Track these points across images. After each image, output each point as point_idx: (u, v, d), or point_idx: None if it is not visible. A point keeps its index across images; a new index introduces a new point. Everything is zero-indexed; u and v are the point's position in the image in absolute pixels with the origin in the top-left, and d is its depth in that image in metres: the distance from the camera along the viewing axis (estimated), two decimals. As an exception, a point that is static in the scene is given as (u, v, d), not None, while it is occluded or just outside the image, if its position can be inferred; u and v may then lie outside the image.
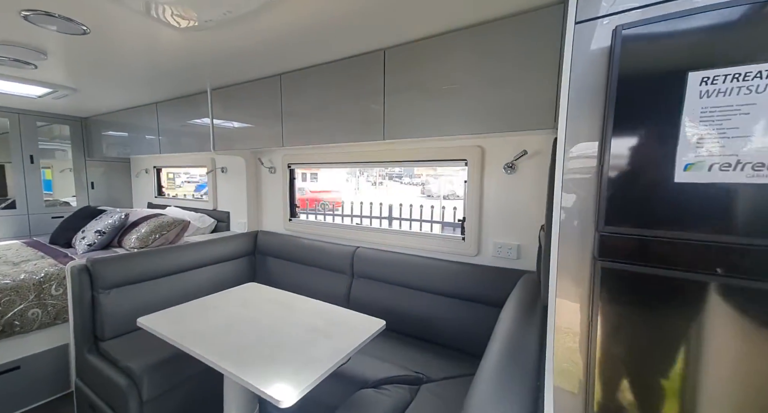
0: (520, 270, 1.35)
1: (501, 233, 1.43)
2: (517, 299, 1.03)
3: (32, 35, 1.26)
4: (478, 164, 1.44)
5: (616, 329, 0.67)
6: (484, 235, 1.48)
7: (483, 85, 1.15)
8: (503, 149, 1.38)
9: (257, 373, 0.88)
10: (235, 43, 1.33)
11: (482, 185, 1.46)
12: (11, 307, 1.47)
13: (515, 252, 1.39)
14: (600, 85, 0.65)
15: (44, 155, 3.00)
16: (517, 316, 0.93)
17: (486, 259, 1.47)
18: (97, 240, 2.07)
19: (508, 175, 1.38)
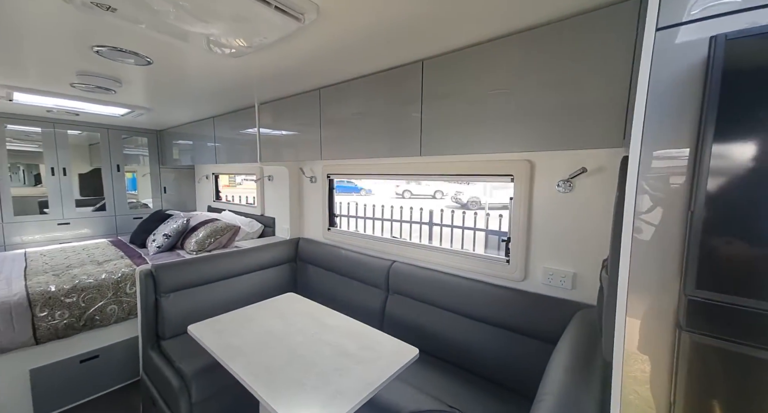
0: (575, 303, 1.18)
1: (553, 258, 1.26)
2: (572, 341, 0.89)
3: (107, 66, 1.43)
4: (526, 180, 1.29)
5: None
6: (533, 259, 1.32)
7: (534, 99, 1.01)
8: (557, 165, 1.22)
9: (286, 401, 0.88)
10: (277, 63, 1.36)
11: (531, 204, 1.30)
12: (93, 303, 1.71)
13: (569, 282, 1.22)
14: (690, 102, 0.51)
15: (130, 160, 3.47)
16: (573, 365, 0.79)
17: (534, 285, 1.32)
18: (164, 243, 2.32)
19: (562, 193, 1.21)
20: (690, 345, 0.51)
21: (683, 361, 0.51)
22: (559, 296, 1.23)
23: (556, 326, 1.15)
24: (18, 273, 1.82)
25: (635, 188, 0.55)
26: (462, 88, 1.17)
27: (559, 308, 1.18)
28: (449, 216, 3.58)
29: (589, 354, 0.82)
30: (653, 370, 0.55)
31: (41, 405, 1.60)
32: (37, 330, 1.54)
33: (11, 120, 2.57)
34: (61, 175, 2.82)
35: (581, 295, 1.19)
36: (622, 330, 0.60)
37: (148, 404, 1.53)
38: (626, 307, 0.59)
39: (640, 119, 0.54)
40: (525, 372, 1.23)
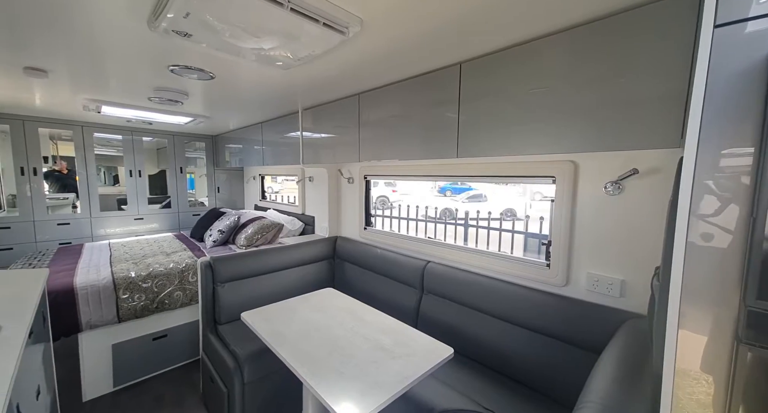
0: (623, 311, 1.11)
1: (598, 263, 1.20)
2: (619, 351, 0.85)
3: (178, 82, 1.63)
4: (569, 181, 1.24)
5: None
6: (575, 264, 1.26)
7: (579, 97, 0.98)
8: (604, 166, 1.15)
9: (328, 386, 0.95)
10: (320, 73, 1.46)
11: (574, 206, 1.25)
12: (163, 289, 1.96)
13: (617, 289, 1.15)
14: (752, 101, 0.48)
15: (190, 163, 3.87)
16: (620, 375, 0.76)
17: (577, 292, 1.26)
18: (219, 238, 2.56)
19: (610, 196, 1.14)
20: (750, 359, 0.48)
21: (741, 377, 0.48)
22: (606, 303, 1.17)
23: (600, 335, 1.09)
24: (105, 261, 2.14)
25: (690, 190, 0.53)
26: (501, 89, 1.16)
27: (604, 316, 1.13)
28: (485, 217, 3.49)
29: (638, 365, 0.78)
30: (707, 386, 0.53)
31: (119, 376, 1.88)
32: (120, 310, 1.81)
33: (98, 129, 3.01)
34: (137, 176, 3.24)
35: (631, 304, 1.12)
36: (673, 341, 0.57)
37: (207, 381, 1.72)
38: (678, 317, 0.56)
39: (696, 118, 0.52)
40: (563, 379, 1.19)
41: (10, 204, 3.43)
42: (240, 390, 1.45)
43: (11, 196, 3.34)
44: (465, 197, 9.58)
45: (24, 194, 2.71)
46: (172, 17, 0.89)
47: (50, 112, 2.51)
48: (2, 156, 3.42)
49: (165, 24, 0.92)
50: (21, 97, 2.04)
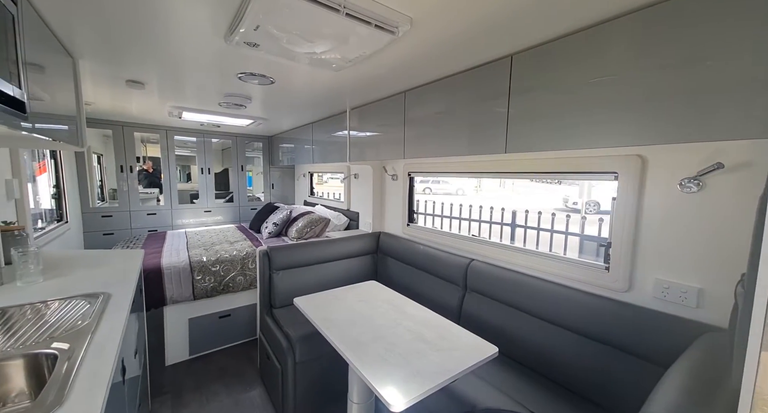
0: (700, 323, 0.99)
1: (669, 269, 1.08)
2: (692, 365, 0.77)
3: (243, 88, 1.82)
4: (635, 177, 1.13)
5: None
6: (641, 268, 1.15)
7: (650, 84, 0.89)
8: (680, 160, 1.03)
9: (373, 370, 1.00)
10: (368, 73, 1.51)
11: (640, 205, 1.13)
12: (228, 273, 2.21)
13: (693, 298, 1.02)
14: None
15: (248, 162, 4.26)
16: (692, 389, 0.69)
17: (641, 298, 1.15)
18: (273, 229, 2.80)
19: (687, 194, 1.02)
20: None
21: None
22: (677, 313, 1.04)
23: (667, 347, 0.99)
24: (183, 247, 2.47)
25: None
26: (556, 79, 1.10)
27: (674, 327, 1.01)
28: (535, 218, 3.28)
29: (713, 383, 0.70)
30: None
31: (194, 346, 2.16)
32: (195, 289, 2.08)
33: (178, 132, 3.46)
34: (206, 173, 3.67)
35: (710, 315, 0.99)
36: (755, 360, 0.51)
37: (263, 358, 1.91)
38: (763, 332, 0.50)
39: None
40: (617, 389, 1.10)
41: (111, 197, 4.12)
42: (292, 368, 1.58)
43: (112, 190, 4.01)
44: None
45: (122, 188, 3.23)
46: (244, 31, 1.00)
47: (143, 118, 2.96)
48: (106, 156, 4.11)
49: (238, 37, 1.05)
50: (122, 106, 2.44)
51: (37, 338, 0.81)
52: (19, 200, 1.63)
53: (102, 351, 0.76)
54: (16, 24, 0.81)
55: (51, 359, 0.76)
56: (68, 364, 0.71)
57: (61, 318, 0.92)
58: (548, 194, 10.37)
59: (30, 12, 0.94)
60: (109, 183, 4.19)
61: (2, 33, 0.75)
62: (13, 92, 0.76)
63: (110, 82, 1.76)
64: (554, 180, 11.35)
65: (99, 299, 1.04)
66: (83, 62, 1.42)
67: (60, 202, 2.52)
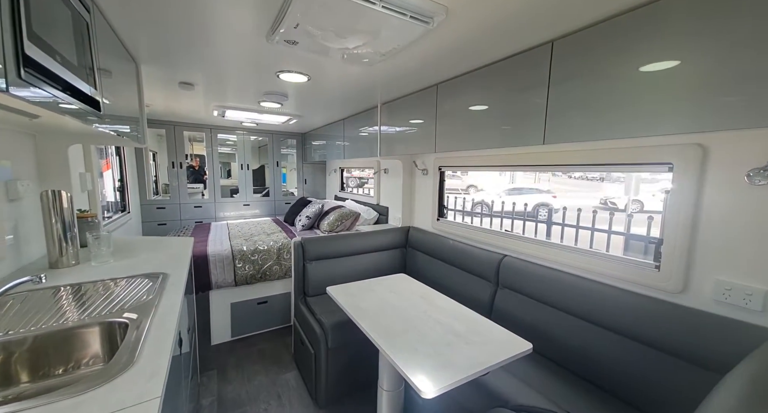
0: (764, 328, 0.89)
1: (732, 269, 0.98)
2: (756, 371, 0.70)
3: (281, 86, 1.91)
4: (694, 168, 1.03)
5: None
6: (698, 267, 1.05)
7: (717, 63, 0.80)
8: (748, 148, 0.92)
9: (404, 359, 1.02)
10: (401, 66, 1.52)
11: (699, 199, 1.03)
12: (266, 263, 2.34)
13: (759, 301, 0.92)
14: None
15: (282, 159, 4.46)
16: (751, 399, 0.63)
17: (697, 301, 1.05)
18: (306, 222, 2.91)
19: (756, 186, 0.91)
20: None
21: None
22: (739, 317, 0.95)
23: (726, 352, 0.91)
24: (225, 237, 2.66)
25: None
26: (602, 66, 1.03)
27: (735, 331, 0.92)
28: (574, 215, 3.10)
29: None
30: None
31: (235, 329, 2.33)
32: (236, 275, 2.24)
33: (221, 131, 3.71)
34: (246, 169, 3.90)
35: (780, 322, 0.89)
36: None
37: (298, 343, 2.01)
38: None
39: None
40: (663, 393, 1.02)
41: (164, 191, 4.52)
42: (325, 354, 1.65)
43: (165, 185, 4.40)
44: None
45: (173, 183, 3.54)
46: (284, 31, 1.06)
47: (191, 118, 3.21)
48: (160, 154, 4.51)
49: (278, 37, 1.11)
50: (174, 107, 2.67)
51: (110, 309, 0.93)
52: (91, 191, 1.85)
53: (164, 323, 0.85)
54: (90, 31, 0.93)
55: (123, 327, 0.87)
56: (137, 332, 0.80)
57: (128, 294, 1.04)
58: (586, 191, 9.64)
59: (100, 20, 1.06)
60: (162, 178, 4.60)
61: (80, 38, 0.86)
62: (90, 92, 0.87)
63: (165, 85, 1.93)
64: (595, 177, 10.46)
65: (159, 279, 1.16)
66: (144, 66, 1.57)
67: (123, 194, 2.82)
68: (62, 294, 1.03)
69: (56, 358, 0.85)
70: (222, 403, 1.73)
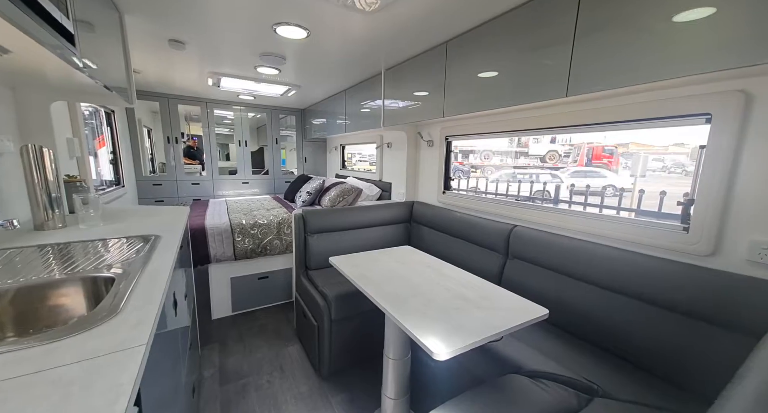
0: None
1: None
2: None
3: (278, 44, 1.77)
4: (735, 119, 0.93)
5: None
6: (732, 228, 0.98)
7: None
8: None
9: (414, 323, 0.96)
10: (407, 15, 1.39)
11: (739, 152, 0.94)
12: (266, 237, 2.27)
13: (804, 261, 0.84)
14: None
15: (282, 140, 4.32)
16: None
17: (729, 263, 0.98)
18: (307, 198, 2.83)
19: (810, 133, 0.82)
20: None
21: None
22: (777, 279, 0.87)
23: (761, 314, 0.84)
24: (224, 211, 2.58)
25: None
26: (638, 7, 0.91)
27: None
28: (566, 192, 3.01)
29: None
30: None
31: (236, 303, 2.29)
32: (236, 249, 2.18)
33: (217, 105, 3.56)
34: (244, 146, 3.78)
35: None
36: None
37: (300, 316, 1.97)
38: None
39: None
40: (696, 363, 0.96)
41: (160, 170, 4.42)
42: (328, 326, 1.60)
43: (161, 163, 4.29)
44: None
45: (169, 160, 3.43)
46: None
47: (185, 89, 3.07)
48: (155, 131, 4.38)
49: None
50: (166, 75, 2.53)
51: (98, 266, 0.86)
52: (80, 158, 1.75)
53: (155, 278, 0.78)
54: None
55: (109, 283, 0.80)
56: (124, 284, 0.73)
57: (118, 252, 0.97)
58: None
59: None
60: (159, 157, 4.48)
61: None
62: (61, 19, 0.77)
63: (154, 43, 1.80)
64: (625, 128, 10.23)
65: (151, 240, 1.09)
66: (129, 17, 1.44)
67: (117, 167, 2.73)
68: (49, 254, 0.96)
69: (42, 316, 0.78)
70: (224, 374, 1.70)
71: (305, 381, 1.66)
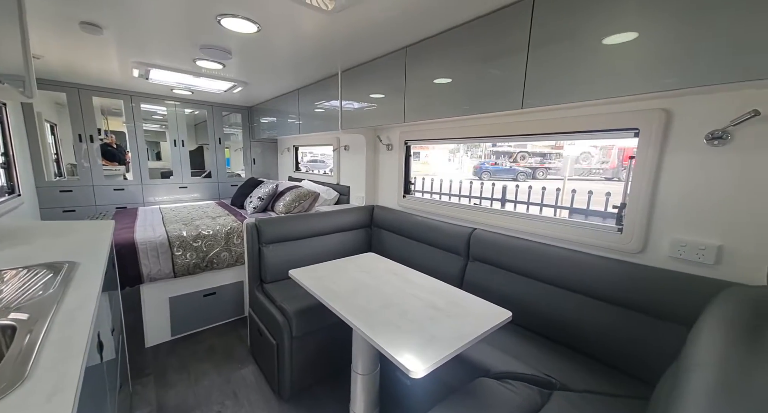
0: (717, 280, 0.98)
1: (687, 227, 1.07)
2: (724, 318, 0.75)
3: (223, 37, 1.59)
4: (657, 133, 1.09)
5: None
6: (656, 228, 1.13)
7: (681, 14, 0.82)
8: (709, 111, 0.99)
9: (387, 338, 0.93)
10: (367, 19, 1.35)
11: (660, 162, 1.10)
12: (212, 249, 2.05)
13: (712, 255, 1.01)
14: None
15: (225, 139, 3.96)
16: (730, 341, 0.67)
17: (655, 259, 1.14)
18: (258, 204, 2.62)
19: (712, 147, 0.99)
20: None
21: None
22: (694, 272, 1.04)
23: (685, 304, 0.99)
24: (158, 222, 2.26)
25: None
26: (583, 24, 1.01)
27: (692, 285, 1.01)
28: (526, 192, 3.31)
29: (754, 329, 0.68)
30: None
31: (176, 326, 2.02)
32: (175, 265, 1.92)
33: (145, 99, 3.11)
34: (180, 146, 3.36)
35: (728, 272, 0.99)
36: None
37: (255, 335, 1.81)
38: None
39: None
40: (633, 349, 1.10)
41: (69, 173, 3.72)
42: (289, 343, 1.49)
43: (71, 165, 3.61)
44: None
45: (82, 160, 2.89)
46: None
47: (103, 80, 2.61)
48: (61, 127, 3.67)
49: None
50: (77, 63, 2.12)
51: (-13, 310, 0.66)
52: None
53: (73, 321, 0.63)
54: None
55: (8, 333, 0.63)
56: (31, 336, 0.57)
57: (18, 289, 0.76)
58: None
59: None
60: (66, 157, 3.76)
61: None
62: None
63: (60, 25, 1.48)
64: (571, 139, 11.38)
65: (63, 269, 0.88)
66: (23, -11, 1.16)
67: (10, 172, 2.21)
68: None
69: None
70: (164, 412, 1.48)
71: (264, 405, 1.53)
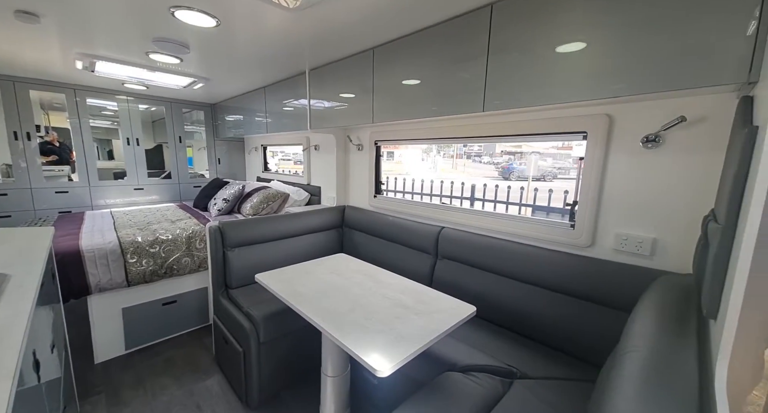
0: (653, 270, 1.09)
1: (627, 223, 1.17)
2: (656, 304, 0.83)
3: (178, 30, 1.50)
4: (602, 137, 1.18)
5: None
6: (602, 224, 1.23)
7: (622, 30, 0.90)
8: (644, 117, 1.09)
9: (354, 339, 0.93)
10: (333, 19, 1.34)
11: (605, 163, 1.20)
12: (171, 255, 1.92)
13: (648, 247, 1.12)
14: None
15: (187, 137, 3.74)
16: (660, 326, 0.74)
17: (602, 252, 1.24)
18: (223, 206, 2.50)
19: (647, 150, 1.09)
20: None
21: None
22: (634, 263, 1.14)
23: (628, 293, 1.08)
24: (108, 226, 2.09)
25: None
26: (534, 36, 1.07)
27: (633, 275, 1.11)
28: (492, 190, 3.45)
29: (680, 314, 0.76)
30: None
31: (131, 339, 1.88)
32: (129, 273, 1.78)
33: (92, 93, 2.85)
34: (134, 145, 3.12)
35: (662, 262, 1.10)
36: (743, 282, 0.54)
37: (220, 343, 1.72)
38: (752, 260, 0.53)
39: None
40: (586, 337, 1.19)
41: (4, 174, 3.32)
42: (256, 350, 1.44)
43: (5, 165, 3.22)
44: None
45: (19, 160, 2.60)
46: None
47: (42, 72, 2.36)
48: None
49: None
50: (10, 52, 1.90)
51: None
52: None
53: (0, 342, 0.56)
54: None
55: None
56: (-61, 360, 0.51)
57: (-74, 307, 0.67)
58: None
59: None
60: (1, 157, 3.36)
61: None
62: None
63: (-15, 8, 1.32)
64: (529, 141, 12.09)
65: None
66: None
67: None
68: None
69: None
70: (118, 432, 1.37)
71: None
